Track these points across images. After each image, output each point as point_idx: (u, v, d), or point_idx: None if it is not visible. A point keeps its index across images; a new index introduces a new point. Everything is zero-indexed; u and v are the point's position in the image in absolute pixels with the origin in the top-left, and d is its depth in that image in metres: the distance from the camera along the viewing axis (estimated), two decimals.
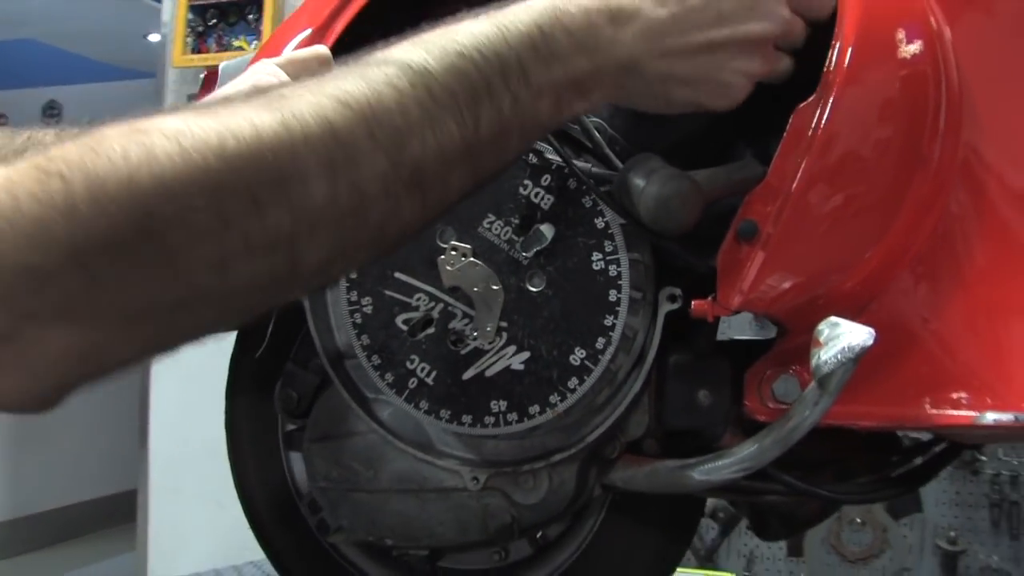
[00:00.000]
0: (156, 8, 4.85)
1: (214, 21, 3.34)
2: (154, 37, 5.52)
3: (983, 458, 2.43)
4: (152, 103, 3.69)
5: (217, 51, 3.30)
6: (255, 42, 3.25)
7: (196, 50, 3.34)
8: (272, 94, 0.50)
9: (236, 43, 3.28)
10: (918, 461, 0.91)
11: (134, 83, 5.56)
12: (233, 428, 1.02)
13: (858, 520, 2.54)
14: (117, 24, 5.40)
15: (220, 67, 1.06)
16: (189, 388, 3.10)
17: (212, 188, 0.45)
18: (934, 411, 0.75)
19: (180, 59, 3.32)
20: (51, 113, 5.59)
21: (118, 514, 4.31)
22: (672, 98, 0.65)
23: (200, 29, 3.34)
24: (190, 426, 3.24)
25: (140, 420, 3.37)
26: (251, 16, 3.28)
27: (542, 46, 0.57)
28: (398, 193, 0.52)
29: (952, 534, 2.45)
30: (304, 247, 0.49)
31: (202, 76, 1.08)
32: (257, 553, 1.47)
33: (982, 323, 0.77)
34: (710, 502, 2.24)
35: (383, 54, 0.54)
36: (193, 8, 3.32)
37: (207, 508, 3.20)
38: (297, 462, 0.99)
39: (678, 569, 1.02)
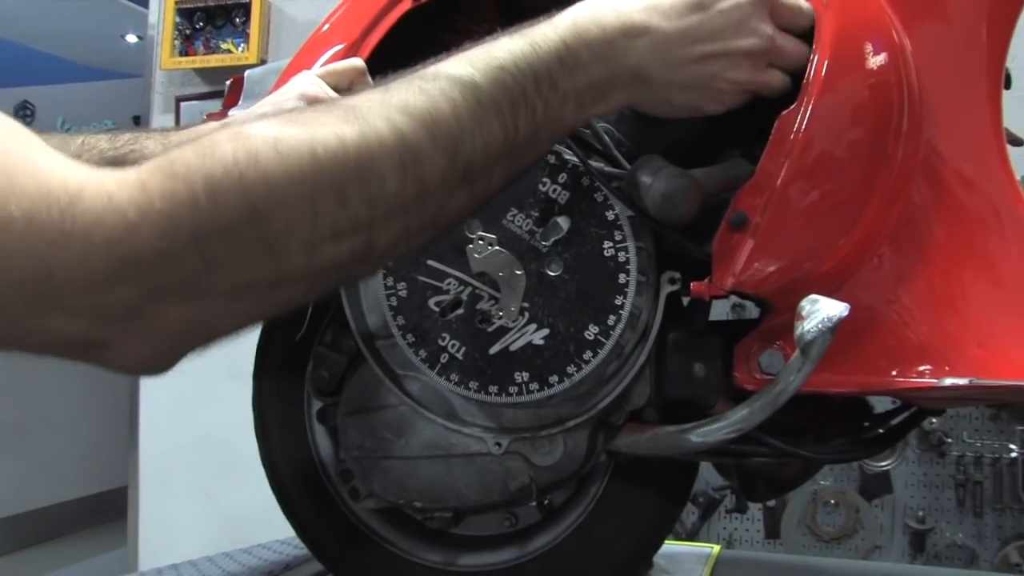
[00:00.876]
0: (133, 9, 4.84)
1: (201, 24, 3.34)
2: (131, 38, 5.49)
3: (949, 440, 2.50)
4: (136, 104, 3.69)
5: (205, 54, 3.29)
6: (242, 45, 3.24)
7: (184, 53, 3.31)
8: (345, 106, 0.57)
9: (224, 46, 3.27)
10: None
11: (110, 83, 5.49)
12: (261, 409, 1.08)
13: (832, 502, 2.58)
14: (93, 25, 5.29)
15: (245, 75, 1.13)
16: (178, 384, 3.14)
17: (306, 185, 0.52)
18: (900, 378, 0.83)
19: (168, 61, 3.30)
20: (24, 114, 5.50)
21: (108, 511, 4.28)
22: (674, 102, 0.74)
23: (187, 32, 3.32)
24: (180, 421, 3.26)
25: (130, 417, 3.38)
26: (238, 19, 3.25)
27: (567, 58, 0.65)
28: (453, 186, 0.59)
29: (921, 513, 2.50)
30: (378, 232, 0.56)
31: (228, 83, 1.14)
32: (247, 543, 1.52)
33: (941, 300, 0.84)
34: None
35: (435, 70, 0.61)
36: (180, 11, 3.31)
37: (197, 502, 3.23)
38: (322, 439, 1.06)
39: (667, 542, 1.10)
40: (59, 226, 0.47)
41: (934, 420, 2.47)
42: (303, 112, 0.58)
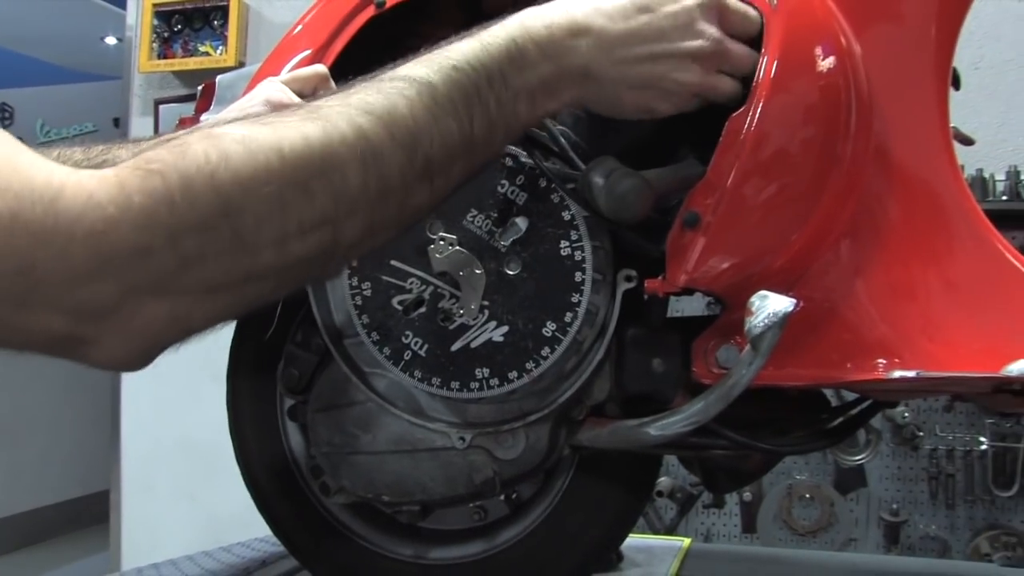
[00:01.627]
0: (112, 11, 4.82)
1: (179, 26, 3.34)
2: (110, 40, 5.47)
3: (921, 434, 2.54)
4: (115, 106, 3.69)
5: (183, 56, 3.29)
6: (221, 47, 3.25)
7: (162, 55, 3.31)
8: (309, 107, 0.60)
9: (202, 48, 3.27)
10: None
11: (89, 86, 5.46)
12: (235, 408, 1.10)
13: (807, 496, 2.61)
14: (71, 27, 5.27)
15: (217, 80, 1.14)
16: (160, 387, 3.14)
17: (274, 181, 0.55)
18: (853, 371, 0.85)
19: (147, 64, 3.30)
20: (2, 116, 5.48)
21: (91, 514, 4.27)
22: (624, 102, 0.76)
23: (166, 35, 3.32)
24: (162, 424, 3.26)
25: (112, 420, 3.38)
26: (216, 22, 3.25)
27: (517, 56, 0.68)
28: (413, 182, 0.62)
29: (895, 506, 2.54)
30: (343, 227, 0.59)
31: (200, 88, 1.16)
32: (227, 542, 1.53)
33: (894, 294, 0.87)
34: (668, 483, 2.34)
35: (392, 72, 0.64)
36: (158, 14, 3.31)
37: (180, 504, 3.23)
38: (294, 436, 1.08)
39: (641, 536, 1.12)
40: (42, 222, 0.48)
41: (906, 414, 2.51)
42: (270, 115, 0.60)
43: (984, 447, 2.47)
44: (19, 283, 0.48)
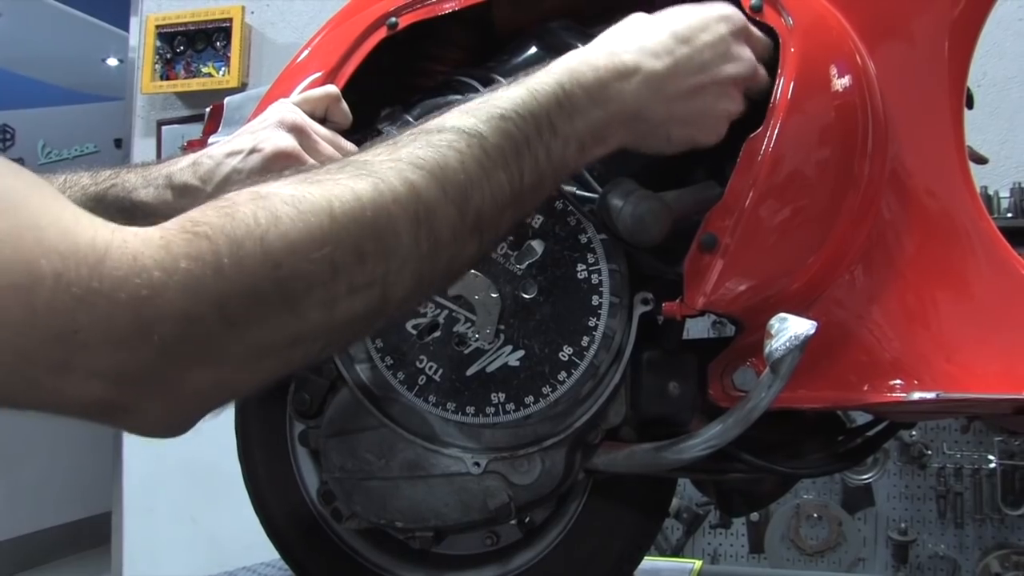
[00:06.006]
0: (114, 33, 4.84)
1: (182, 48, 3.35)
2: (112, 61, 5.49)
3: (929, 452, 2.53)
4: (117, 127, 3.70)
5: (185, 77, 3.31)
6: (223, 69, 3.26)
7: (164, 76, 3.33)
8: (358, 162, 0.58)
9: (205, 69, 3.28)
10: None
11: (91, 107, 5.47)
12: (244, 432, 1.09)
13: (815, 515, 2.60)
14: (73, 48, 5.31)
15: (225, 101, 1.14)
16: None
17: (325, 243, 0.53)
18: (871, 393, 0.85)
19: (149, 86, 3.32)
20: (4, 138, 5.47)
21: (92, 537, 4.27)
22: (672, 137, 0.75)
23: (168, 56, 3.34)
24: (164, 445, 3.23)
25: (114, 441, 3.37)
26: (219, 43, 3.27)
27: (565, 103, 0.67)
28: (464, 236, 0.60)
29: (903, 525, 2.54)
30: (392, 285, 0.57)
31: (208, 109, 1.16)
32: (233, 567, 1.52)
33: (911, 315, 0.86)
34: (675, 503, 2.33)
35: (439, 123, 0.62)
36: (161, 35, 3.33)
37: (182, 526, 3.22)
38: (304, 461, 1.06)
39: (649, 558, 1.11)
40: (87, 284, 0.46)
41: (914, 433, 2.50)
42: (318, 170, 0.58)
43: (993, 465, 2.46)
44: (59, 347, 0.46)
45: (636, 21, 0.76)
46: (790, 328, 0.71)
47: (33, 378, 0.47)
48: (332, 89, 0.90)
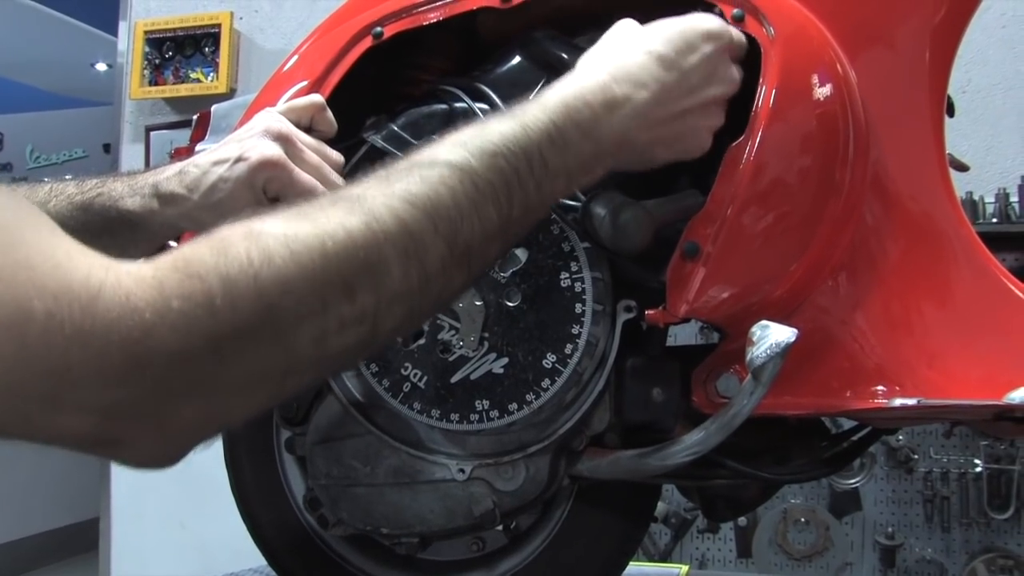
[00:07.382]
0: (103, 38, 4.83)
1: (170, 53, 3.34)
2: (101, 66, 5.48)
3: (916, 457, 2.54)
4: (106, 132, 3.69)
5: (174, 83, 3.29)
6: (212, 74, 3.26)
7: (153, 82, 3.32)
8: (351, 197, 0.59)
9: (193, 75, 3.28)
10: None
11: (80, 111, 5.47)
12: (231, 440, 1.08)
13: (802, 520, 2.60)
14: (62, 53, 5.29)
15: (212, 109, 1.14)
16: None
17: (317, 281, 0.54)
18: (853, 399, 0.85)
19: (138, 91, 3.31)
20: None
21: (80, 543, 4.24)
22: (656, 158, 0.76)
23: (157, 61, 3.33)
24: None
25: None
26: (207, 49, 3.26)
27: (557, 138, 0.67)
28: (452, 269, 0.61)
29: (890, 530, 2.54)
30: (383, 319, 0.58)
31: (195, 117, 1.16)
32: (221, 573, 1.52)
33: (893, 322, 0.87)
34: (662, 508, 2.33)
35: (431, 156, 0.63)
36: (149, 41, 3.32)
37: (170, 532, 3.21)
38: (291, 468, 1.06)
39: (636, 564, 1.11)
40: (79, 324, 0.47)
41: (900, 437, 2.51)
42: (311, 204, 0.59)
43: (979, 469, 2.47)
44: (51, 383, 0.47)
45: (622, 40, 0.77)
46: (771, 335, 0.72)
47: (25, 412, 0.48)
48: (317, 98, 0.90)
